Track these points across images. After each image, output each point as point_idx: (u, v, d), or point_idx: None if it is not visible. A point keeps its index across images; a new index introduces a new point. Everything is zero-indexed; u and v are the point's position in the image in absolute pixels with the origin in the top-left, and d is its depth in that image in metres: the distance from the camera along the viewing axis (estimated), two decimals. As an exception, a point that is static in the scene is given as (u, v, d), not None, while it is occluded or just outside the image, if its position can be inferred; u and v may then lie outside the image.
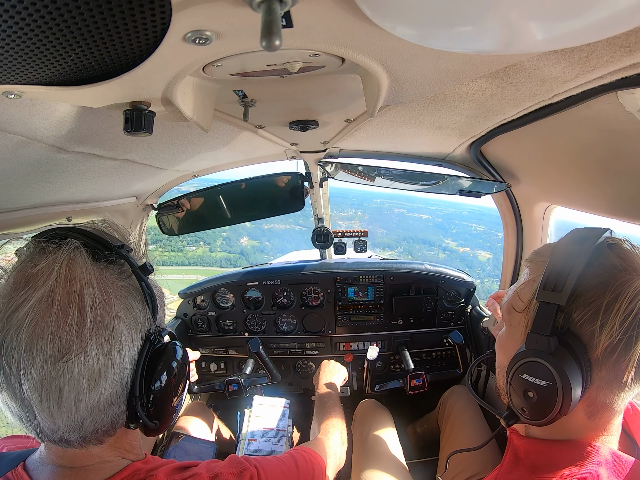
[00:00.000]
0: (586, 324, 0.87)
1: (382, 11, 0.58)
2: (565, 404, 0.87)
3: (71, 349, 0.75)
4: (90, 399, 0.79)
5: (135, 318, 0.87)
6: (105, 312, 0.81)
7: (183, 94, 0.97)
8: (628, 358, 0.83)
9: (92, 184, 1.84)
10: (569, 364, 0.86)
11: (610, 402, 0.91)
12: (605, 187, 1.45)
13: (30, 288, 0.76)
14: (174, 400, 0.97)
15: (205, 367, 3.16)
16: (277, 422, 2.49)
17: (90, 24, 0.59)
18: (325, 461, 1.42)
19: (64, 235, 0.84)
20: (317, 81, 1.14)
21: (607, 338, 0.83)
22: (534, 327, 0.92)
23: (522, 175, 2.00)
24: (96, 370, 0.79)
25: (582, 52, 0.86)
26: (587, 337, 0.87)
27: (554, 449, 0.98)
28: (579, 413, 0.94)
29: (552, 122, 1.28)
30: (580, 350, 0.87)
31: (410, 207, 63.74)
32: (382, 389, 2.68)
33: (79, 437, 0.83)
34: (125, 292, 0.87)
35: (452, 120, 1.60)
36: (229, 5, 0.59)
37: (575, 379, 0.86)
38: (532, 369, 0.91)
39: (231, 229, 45.39)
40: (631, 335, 0.82)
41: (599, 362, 0.87)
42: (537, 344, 0.91)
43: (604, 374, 0.87)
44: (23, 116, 1.03)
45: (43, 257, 0.80)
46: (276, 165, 2.93)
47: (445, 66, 0.93)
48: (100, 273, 0.83)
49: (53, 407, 0.77)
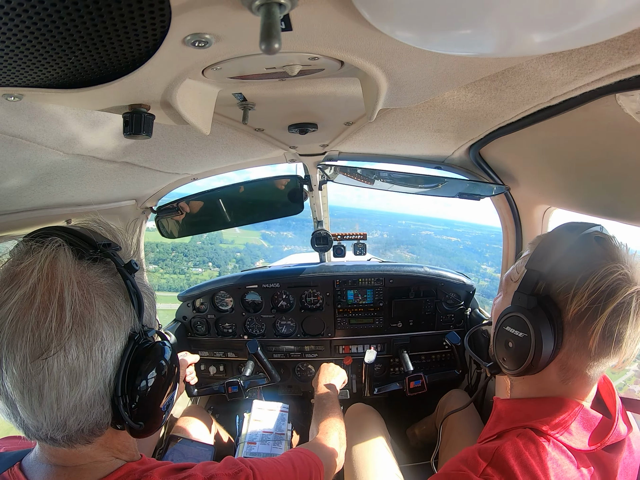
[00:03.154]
0: (562, 292, 1.03)
1: (381, 14, 0.58)
2: (537, 355, 1.03)
3: (50, 346, 0.75)
4: (71, 397, 0.79)
5: (118, 316, 0.85)
6: (86, 310, 0.80)
7: (182, 97, 0.97)
8: (594, 326, 0.97)
9: (92, 186, 1.84)
10: (543, 322, 1.02)
11: (581, 369, 1.05)
12: (605, 189, 1.45)
13: (14, 286, 0.76)
14: (160, 401, 0.95)
15: (205, 370, 3.16)
16: (276, 425, 2.48)
17: (90, 27, 0.59)
18: (322, 462, 1.41)
19: (49, 234, 0.84)
20: (316, 84, 1.15)
21: (576, 306, 0.99)
22: (519, 288, 1.10)
23: (521, 177, 2.00)
24: (76, 368, 0.78)
25: (580, 54, 0.86)
26: (561, 304, 1.03)
27: (531, 405, 1.13)
28: (552, 375, 1.09)
29: (551, 124, 1.28)
30: (555, 313, 1.03)
31: (437, 230, 62.22)
32: (382, 392, 2.67)
33: (64, 436, 0.83)
34: (108, 290, 0.86)
35: (451, 123, 1.61)
36: (229, 9, 0.59)
37: (547, 335, 1.02)
38: (513, 322, 1.10)
39: (247, 251, 42.00)
40: (597, 307, 0.96)
41: (569, 326, 1.02)
42: (520, 301, 1.09)
43: (574, 339, 1.02)
44: (23, 119, 1.04)
45: (28, 256, 0.80)
46: (275, 168, 2.92)
47: (444, 69, 0.93)
48: (82, 271, 0.83)
49: (34, 404, 0.77)
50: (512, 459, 1.00)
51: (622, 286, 0.96)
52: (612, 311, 0.95)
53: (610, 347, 0.98)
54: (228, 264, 38.48)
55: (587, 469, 1.03)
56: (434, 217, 53.65)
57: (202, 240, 37.28)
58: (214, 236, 38.66)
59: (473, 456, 1.06)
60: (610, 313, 0.95)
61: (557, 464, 1.00)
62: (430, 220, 62.15)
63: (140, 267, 0.94)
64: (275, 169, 21.94)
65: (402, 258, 46.15)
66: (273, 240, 47.19)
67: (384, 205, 65.97)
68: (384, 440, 2.30)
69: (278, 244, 43.05)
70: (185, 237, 3.03)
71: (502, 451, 1.03)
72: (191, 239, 31.84)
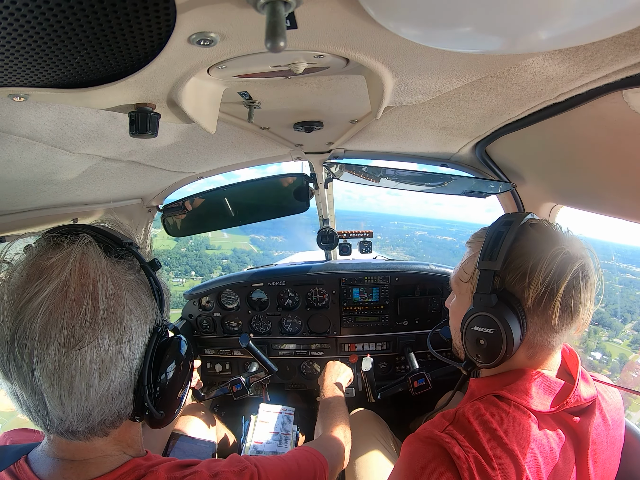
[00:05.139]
0: (517, 283, 1.13)
1: (386, 12, 0.58)
2: (509, 345, 1.12)
3: (84, 337, 0.78)
4: (100, 387, 0.82)
5: (144, 310, 0.91)
6: (117, 304, 0.84)
7: (188, 95, 0.97)
8: (552, 305, 1.08)
9: (98, 185, 1.85)
10: (508, 314, 1.11)
11: (546, 342, 1.16)
12: (611, 187, 1.44)
13: (44, 279, 0.79)
14: (179, 391, 1.01)
15: (211, 368, 3.17)
16: (282, 427, 2.50)
17: (95, 27, 0.60)
18: (327, 461, 1.42)
19: (77, 231, 0.88)
20: (322, 82, 1.15)
21: (534, 292, 1.09)
22: (477, 289, 1.19)
23: (528, 175, 1.99)
24: (107, 359, 0.82)
25: (587, 51, 0.85)
26: (519, 293, 1.13)
27: (496, 379, 1.24)
28: (520, 355, 1.19)
29: (557, 121, 1.27)
30: (516, 303, 1.12)
31: (430, 230, 61.71)
32: (386, 396, 2.65)
33: (86, 428, 0.85)
34: (135, 285, 0.91)
35: (456, 120, 1.60)
36: (234, 7, 0.59)
37: (514, 325, 1.11)
38: (480, 321, 1.17)
39: (234, 257, 39.22)
40: (552, 288, 1.07)
41: (531, 311, 1.12)
42: (482, 301, 1.17)
43: (536, 320, 1.13)
44: (29, 118, 1.04)
45: (57, 251, 0.83)
46: (281, 166, 2.91)
47: (450, 66, 0.93)
48: (112, 267, 0.87)
49: (64, 395, 0.79)
50: (472, 417, 1.11)
51: (568, 264, 1.08)
52: (566, 288, 1.07)
53: (570, 317, 1.11)
54: (213, 272, 35.37)
55: (553, 431, 1.12)
56: (426, 217, 53.26)
57: (187, 246, 35.10)
58: (199, 241, 36.74)
59: (438, 418, 1.17)
60: (564, 290, 1.07)
61: (518, 423, 1.10)
62: (422, 220, 61.81)
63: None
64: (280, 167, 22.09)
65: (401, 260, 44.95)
66: (263, 245, 45.71)
67: (375, 207, 66.81)
68: (385, 448, 2.27)
69: (268, 249, 41.38)
70: (187, 236, 3.05)
71: (462, 411, 1.15)
72: (175, 245, 30.36)
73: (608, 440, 1.18)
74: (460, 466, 1.01)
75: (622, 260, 22.76)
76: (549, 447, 1.09)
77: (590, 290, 1.11)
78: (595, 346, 19.26)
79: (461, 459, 1.01)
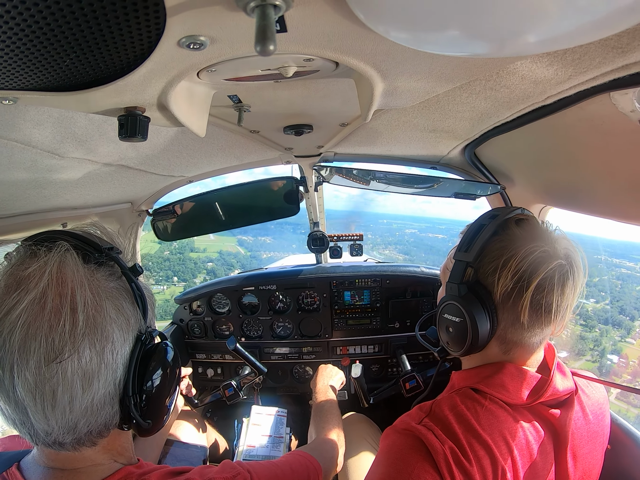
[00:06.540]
0: (489, 276, 1.14)
1: (375, 15, 0.58)
2: (475, 335, 1.14)
3: (64, 349, 0.76)
4: (84, 399, 0.80)
5: (126, 318, 0.88)
6: (97, 313, 0.81)
7: (177, 99, 0.97)
8: (521, 302, 1.08)
9: (87, 189, 1.83)
10: (475, 305, 1.13)
11: (520, 340, 1.16)
12: (599, 187, 1.46)
13: (22, 291, 0.77)
14: (166, 399, 0.98)
15: (202, 372, 3.15)
16: (275, 429, 2.48)
17: (84, 30, 0.59)
18: (321, 465, 1.41)
19: (54, 238, 0.85)
20: (312, 86, 1.15)
21: (502, 287, 1.10)
22: (450, 279, 1.22)
23: (517, 177, 2.00)
24: (89, 371, 0.80)
25: (574, 53, 0.86)
26: (490, 287, 1.14)
27: (476, 372, 1.24)
28: (494, 349, 1.20)
29: (546, 123, 1.29)
30: (486, 295, 1.14)
31: (420, 228, 61.44)
32: (378, 400, 2.65)
33: (73, 439, 0.83)
34: (116, 293, 0.88)
35: (446, 123, 1.61)
36: (223, 10, 0.59)
37: (481, 317, 1.13)
38: (449, 309, 1.21)
39: (220, 260, 36.84)
40: (522, 285, 1.07)
41: (500, 305, 1.13)
42: (452, 290, 1.21)
43: (507, 315, 1.13)
44: (18, 122, 1.03)
45: (34, 260, 0.81)
46: (271, 170, 2.87)
47: (439, 69, 0.93)
48: (91, 274, 0.84)
49: (47, 408, 0.77)
50: (447, 410, 1.13)
51: (543, 263, 1.07)
52: (536, 287, 1.07)
53: (541, 317, 1.10)
54: (196, 277, 32.33)
55: (529, 423, 1.13)
56: (414, 215, 53.25)
57: (171, 249, 32.95)
58: (184, 244, 34.32)
59: (415, 411, 1.19)
60: (534, 289, 1.07)
61: (493, 416, 1.12)
62: (410, 218, 61.63)
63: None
64: (270, 171, 21.87)
65: (394, 259, 44.46)
66: (250, 247, 43.50)
67: (363, 206, 65.97)
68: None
69: (256, 251, 39.85)
70: (177, 240, 3.05)
71: (438, 403, 1.17)
72: (158, 248, 29.41)
73: (588, 434, 1.19)
74: (437, 456, 1.03)
75: (613, 256, 22.75)
76: (525, 439, 1.11)
77: (567, 291, 1.10)
78: (611, 348, 18.74)
79: (437, 450, 1.03)
